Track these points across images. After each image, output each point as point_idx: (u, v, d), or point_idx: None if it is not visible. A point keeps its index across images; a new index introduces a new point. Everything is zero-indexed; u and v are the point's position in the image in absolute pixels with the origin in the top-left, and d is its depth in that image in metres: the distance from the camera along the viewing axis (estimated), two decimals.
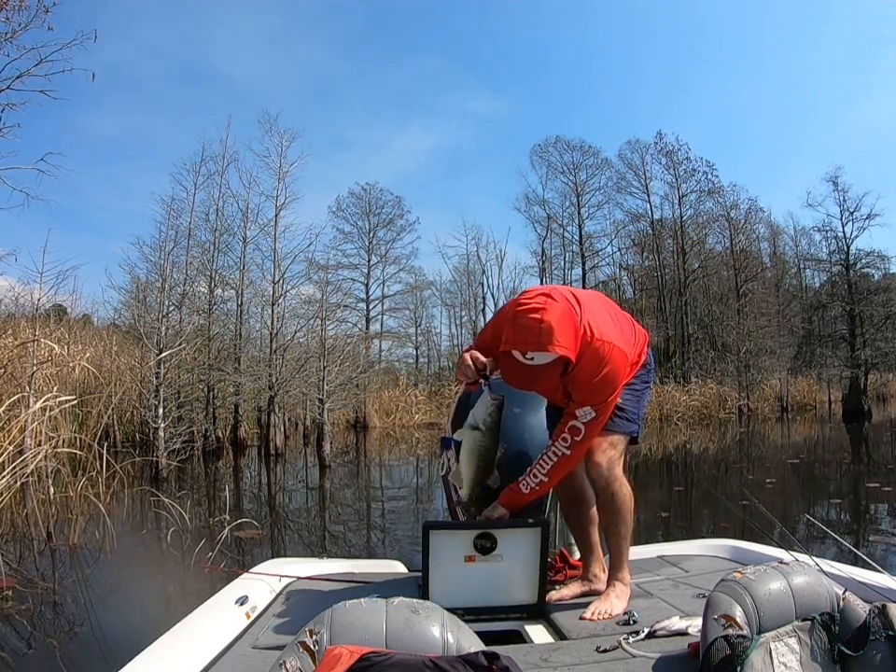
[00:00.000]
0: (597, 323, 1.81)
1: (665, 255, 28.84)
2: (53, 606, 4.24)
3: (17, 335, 10.33)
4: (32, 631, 3.73)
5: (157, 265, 14.12)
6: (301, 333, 16.04)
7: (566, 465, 1.90)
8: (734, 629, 1.23)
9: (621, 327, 1.93)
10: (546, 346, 1.67)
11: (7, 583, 4.42)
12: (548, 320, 1.67)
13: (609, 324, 1.86)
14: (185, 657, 1.58)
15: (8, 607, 4.05)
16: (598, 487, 1.96)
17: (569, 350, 1.70)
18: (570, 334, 1.71)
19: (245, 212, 16.79)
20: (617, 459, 1.95)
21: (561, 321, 1.69)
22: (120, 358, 13.86)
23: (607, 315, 1.91)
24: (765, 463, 11.65)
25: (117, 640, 3.36)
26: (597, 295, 2.13)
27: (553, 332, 1.66)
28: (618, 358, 1.82)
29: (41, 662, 3.35)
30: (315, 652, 1.09)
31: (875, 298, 23.56)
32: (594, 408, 1.83)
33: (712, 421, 21.74)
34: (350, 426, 20.97)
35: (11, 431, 6.71)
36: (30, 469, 6.15)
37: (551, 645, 1.72)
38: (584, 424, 1.84)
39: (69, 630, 3.80)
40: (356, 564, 2.66)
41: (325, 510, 8.46)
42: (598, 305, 1.94)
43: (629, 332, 1.97)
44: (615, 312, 2.01)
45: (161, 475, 9.84)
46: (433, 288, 29.90)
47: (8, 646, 3.52)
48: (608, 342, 1.80)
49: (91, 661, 3.25)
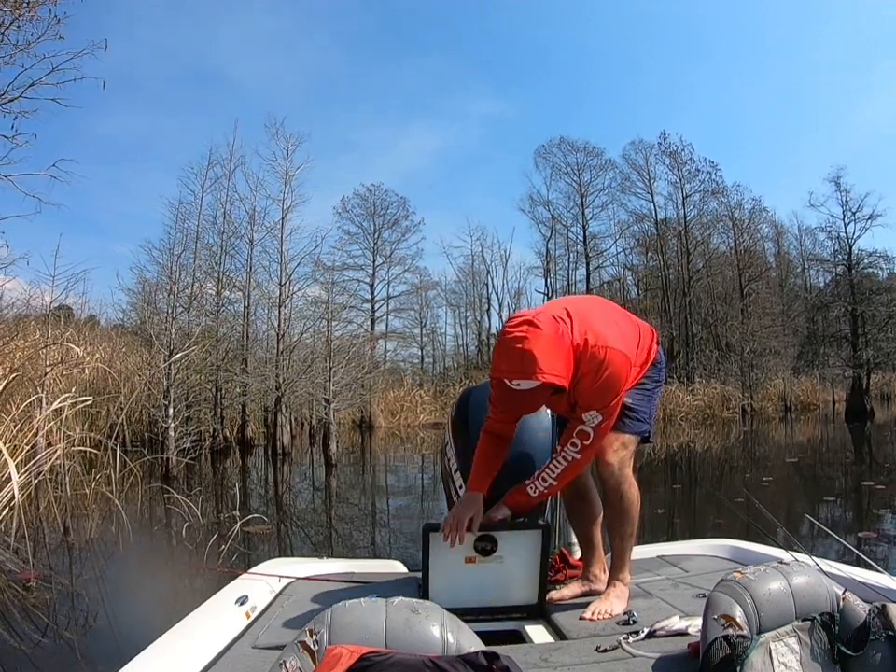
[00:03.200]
0: (593, 330, 1.83)
1: (670, 255, 28.82)
2: (71, 598, 4.38)
3: (27, 337, 10.52)
4: (48, 622, 3.85)
5: (165, 267, 14.39)
6: (308, 334, 16.26)
7: (575, 468, 1.90)
8: (734, 629, 1.24)
9: (620, 328, 1.93)
10: (530, 375, 1.69)
11: (27, 575, 4.62)
12: (530, 349, 1.69)
13: (606, 328, 1.87)
14: (185, 657, 1.57)
15: (33, 597, 4.23)
16: (608, 487, 1.95)
17: (555, 375, 1.70)
18: (556, 359, 1.71)
19: (252, 215, 17.06)
20: (628, 460, 1.95)
21: (546, 348, 1.70)
22: (129, 359, 14.08)
23: (604, 319, 1.91)
24: (765, 462, 11.73)
25: (131, 633, 3.39)
26: (594, 299, 2.15)
27: (535, 361, 1.68)
28: (617, 361, 1.82)
29: (56, 652, 3.45)
30: (314, 652, 1.09)
31: (878, 298, 23.52)
32: (599, 411, 1.83)
33: (716, 421, 21.76)
34: (356, 425, 21.11)
35: (30, 431, 6.91)
36: (47, 466, 6.35)
37: (551, 645, 1.72)
38: (592, 428, 1.84)
39: (84, 623, 3.91)
40: (356, 564, 2.64)
41: (331, 508, 8.58)
42: (594, 310, 1.95)
43: (631, 333, 1.97)
44: (615, 313, 2.02)
45: (171, 473, 10.04)
46: (438, 289, 30.18)
47: (27, 636, 3.64)
48: (604, 346, 1.81)
49: (107, 653, 3.30)
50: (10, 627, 3.77)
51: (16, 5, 8.10)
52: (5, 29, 7.87)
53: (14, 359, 9.19)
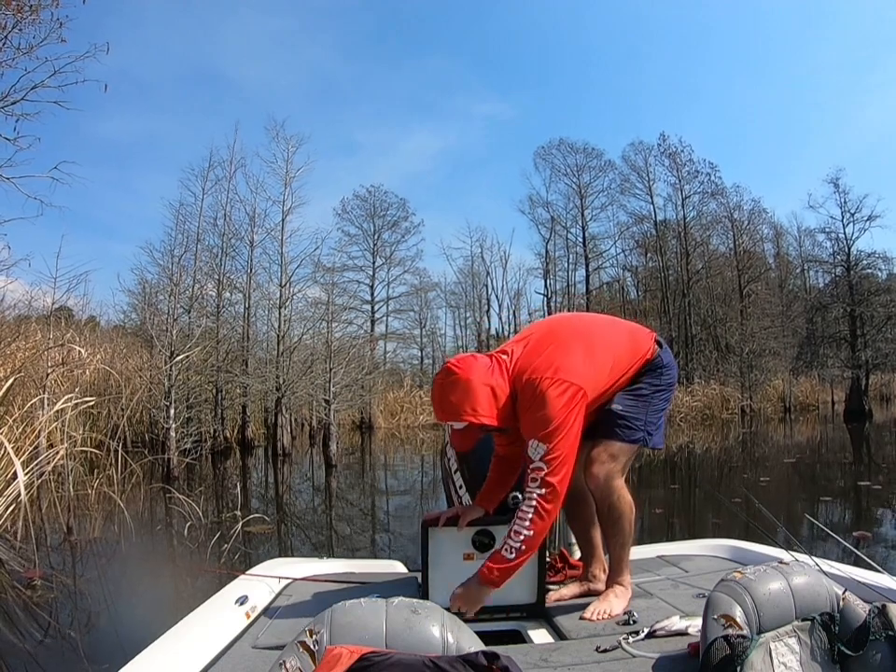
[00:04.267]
0: (536, 362, 1.83)
1: (669, 256, 28.83)
2: (74, 597, 4.43)
3: (28, 338, 10.57)
4: (50, 621, 3.90)
5: (166, 269, 14.45)
6: (308, 335, 16.31)
7: (546, 506, 1.75)
8: (733, 629, 1.24)
9: (585, 353, 1.88)
10: (455, 417, 1.81)
11: (32, 574, 4.67)
12: (447, 396, 1.82)
13: (556, 357, 1.84)
14: (185, 657, 1.58)
15: (37, 596, 4.27)
16: (596, 499, 1.96)
17: (474, 414, 1.78)
18: (477, 399, 1.79)
19: (253, 216, 17.13)
20: (617, 471, 1.91)
21: (465, 391, 1.79)
22: (130, 360, 14.13)
23: (561, 347, 1.88)
24: (763, 462, 11.76)
25: (134, 632, 3.46)
26: (571, 319, 2.13)
27: (453, 405, 1.80)
28: (554, 391, 1.77)
29: (59, 650, 3.49)
30: (314, 652, 1.09)
31: (877, 299, 23.55)
32: (540, 441, 1.75)
33: (715, 422, 21.77)
34: (356, 426, 21.16)
35: (33, 432, 6.95)
36: (50, 467, 6.40)
37: (551, 645, 1.72)
38: (542, 461, 1.74)
39: (87, 622, 3.95)
40: (355, 564, 2.65)
41: (331, 508, 8.63)
42: (560, 336, 1.93)
43: (604, 351, 1.93)
44: (588, 332, 1.98)
45: (172, 474, 10.08)
46: (438, 290, 30.13)
47: (30, 635, 3.68)
48: (540, 377, 1.79)
49: (109, 651, 3.30)
50: (14, 626, 3.81)
51: (18, 8, 8.16)
52: (7, 32, 7.93)
53: (15, 360, 9.23)
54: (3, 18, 8.06)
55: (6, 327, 10.23)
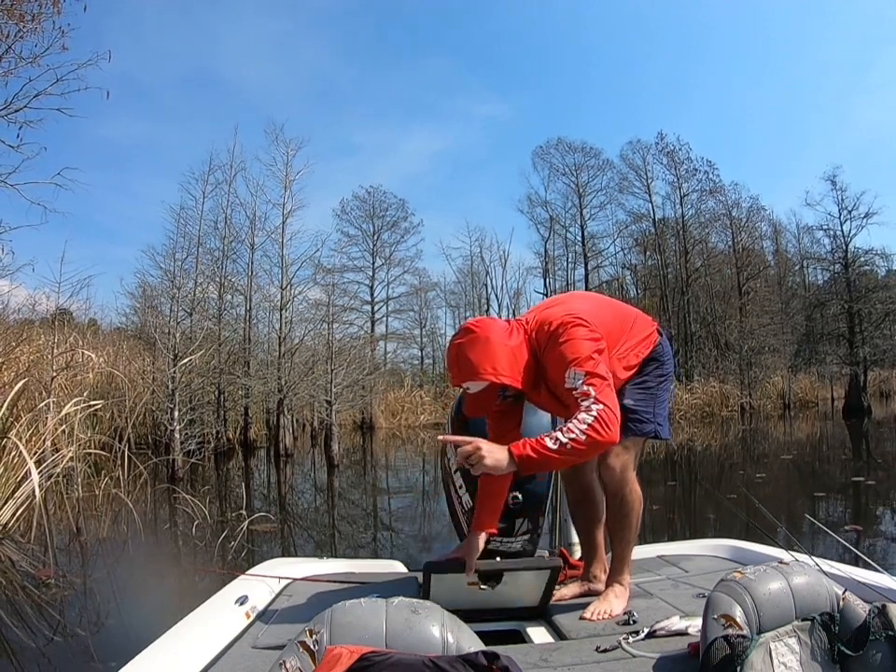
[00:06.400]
0: (550, 313, 1.85)
1: (668, 254, 28.89)
2: (84, 596, 4.50)
3: (32, 341, 10.66)
4: (60, 620, 3.98)
5: (168, 272, 14.52)
6: (309, 337, 16.40)
7: (606, 419, 1.64)
8: (733, 629, 1.24)
9: (594, 309, 1.91)
10: (472, 376, 1.76)
11: (46, 573, 4.77)
12: (465, 354, 1.77)
13: (570, 306, 1.88)
14: (185, 657, 1.58)
15: (48, 596, 4.36)
16: (609, 491, 1.96)
17: (494, 373, 1.74)
18: (497, 359, 1.75)
19: (253, 219, 17.21)
20: (631, 462, 1.93)
21: (484, 350, 1.76)
22: (132, 363, 14.22)
23: (573, 302, 1.94)
24: (760, 459, 11.83)
25: (141, 630, 3.50)
26: (577, 293, 2.22)
27: (472, 364, 1.75)
28: (574, 325, 1.78)
29: (68, 648, 3.53)
30: (314, 652, 1.09)
31: (875, 295, 23.60)
32: (575, 368, 1.71)
33: (714, 419, 21.81)
34: (357, 426, 21.24)
35: (39, 435, 7.06)
36: (58, 469, 6.51)
37: (551, 645, 1.72)
38: (585, 384, 1.68)
39: (96, 620, 4.00)
40: (355, 564, 2.64)
41: (333, 508, 8.70)
42: (567, 297, 2.05)
43: (613, 317, 1.96)
44: (600, 302, 2.05)
45: (177, 475, 10.16)
46: (437, 290, 30.24)
47: (40, 633, 3.75)
48: (557, 320, 1.80)
49: (117, 649, 3.24)
50: (25, 624, 3.88)
51: (20, 17, 8.27)
52: (11, 41, 8.04)
53: (20, 364, 9.32)
54: (6, 26, 8.19)
55: (10, 331, 10.33)
